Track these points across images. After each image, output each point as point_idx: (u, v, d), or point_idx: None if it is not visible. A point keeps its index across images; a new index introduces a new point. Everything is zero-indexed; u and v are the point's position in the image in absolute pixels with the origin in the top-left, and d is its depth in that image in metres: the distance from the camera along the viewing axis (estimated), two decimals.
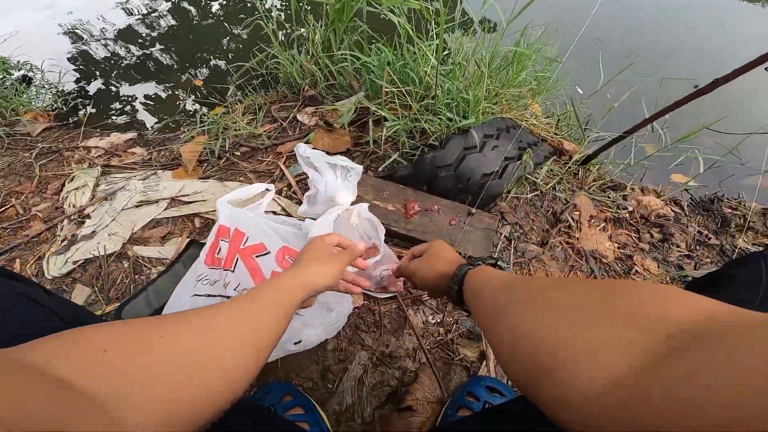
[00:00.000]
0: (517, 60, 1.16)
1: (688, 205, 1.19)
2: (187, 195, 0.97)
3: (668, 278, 0.97)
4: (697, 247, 1.07)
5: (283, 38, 1.37)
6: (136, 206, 0.97)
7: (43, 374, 0.25)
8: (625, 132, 1.05)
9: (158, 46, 1.81)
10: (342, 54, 1.19)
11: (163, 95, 1.60)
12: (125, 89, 1.63)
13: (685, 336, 0.21)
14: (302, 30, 1.33)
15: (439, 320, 0.84)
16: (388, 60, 1.10)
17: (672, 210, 1.13)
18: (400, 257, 0.88)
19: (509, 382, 0.78)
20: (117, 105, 1.57)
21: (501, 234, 0.95)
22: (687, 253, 1.05)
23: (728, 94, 1.30)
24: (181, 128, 1.34)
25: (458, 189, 0.93)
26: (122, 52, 1.80)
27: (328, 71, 1.25)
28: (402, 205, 0.91)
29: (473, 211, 0.92)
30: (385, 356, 0.79)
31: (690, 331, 0.21)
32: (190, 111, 1.50)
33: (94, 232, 0.94)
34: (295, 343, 0.70)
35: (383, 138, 1.01)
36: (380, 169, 1.03)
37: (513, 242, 0.95)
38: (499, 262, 0.54)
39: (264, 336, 0.40)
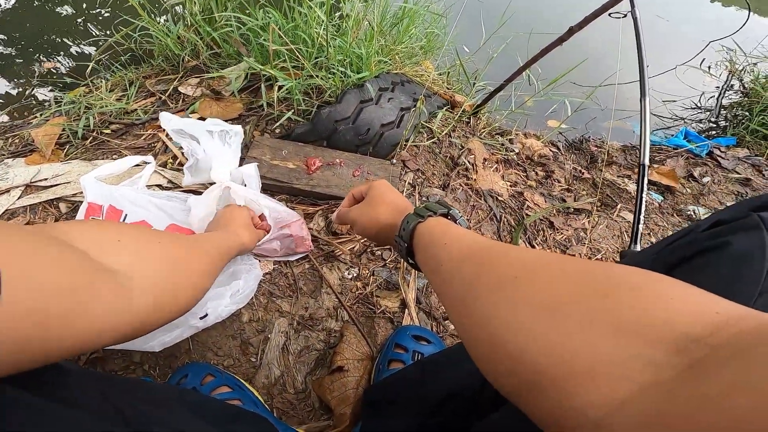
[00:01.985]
0: (406, 16, 1.19)
1: (563, 146, 1.35)
2: (46, 179, 0.82)
3: (554, 210, 1.08)
4: (575, 182, 1.21)
5: (151, 9, 1.22)
6: None
7: (70, 244, 0.30)
8: (504, 81, 1.14)
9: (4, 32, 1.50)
10: (225, 20, 1.09)
11: (9, 80, 1.33)
12: None
13: (699, 348, 0.19)
14: (175, 1, 1.20)
15: (355, 274, 0.83)
16: (275, 21, 1.04)
17: (551, 150, 1.27)
18: (306, 214, 0.86)
19: (434, 328, 0.80)
20: None
21: (405, 181, 0.98)
22: (566, 187, 1.19)
23: (589, 44, 1.49)
24: (34, 113, 1.12)
25: (358, 141, 0.92)
26: None
27: (211, 39, 1.15)
28: (303, 162, 0.88)
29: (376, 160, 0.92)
30: (306, 320, 0.76)
31: (702, 342, 0.19)
32: (45, 96, 1.27)
33: None
34: (201, 318, 0.64)
35: (276, 99, 0.96)
36: (276, 129, 0.98)
37: (417, 188, 0.98)
38: (451, 211, 0.47)
39: (214, 270, 0.50)
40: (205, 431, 0.42)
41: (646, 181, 0.80)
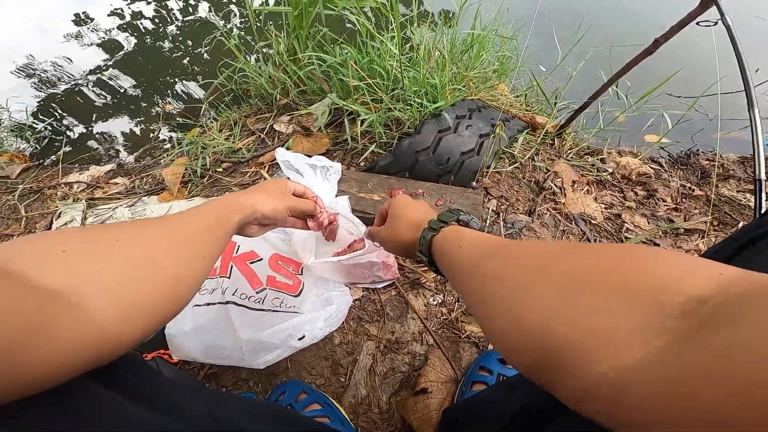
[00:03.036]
0: (475, 42, 1.20)
1: (666, 162, 1.23)
2: None
3: (660, 232, 0.99)
4: (683, 200, 1.10)
5: (246, 51, 1.38)
6: None
7: (5, 272, 0.26)
8: (589, 98, 1.09)
9: (123, 77, 1.81)
10: (308, 59, 1.21)
11: (137, 125, 1.60)
12: (98, 123, 1.62)
13: (706, 309, 0.19)
14: (264, 43, 1.35)
15: (440, 300, 0.85)
16: (351, 57, 1.13)
17: (651, 168, 1.17)
18: None
19: None
20: (91, 140, 1.56)
21: (488, 208, 0.97)
22: (674, 206, 1.08)
23: (684, 51, 1.35)
24: (160, 154, 1.34)
25: (439, 171, 0.95)
26: (89, 87, 1.79)
27: (297, 78, 1.27)
28: (387, 193, 0.93)
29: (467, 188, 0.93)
30: (392, 343, 0.79)
31: (709, 302, 0.20)
32: (166, 136, 1.50)
33: None
34: (300, 339, 0.71)
35: (359, 133, 1.03)
36: (360, 162, 1.05)
37: (501, 215, 0.97)
38: (461, 216, 0.50)
39: (208, 245, 0.43)
40: None
41: (763, 198, 0.71)
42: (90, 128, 1.60)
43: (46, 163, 1.39)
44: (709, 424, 0.16)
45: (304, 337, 0.71)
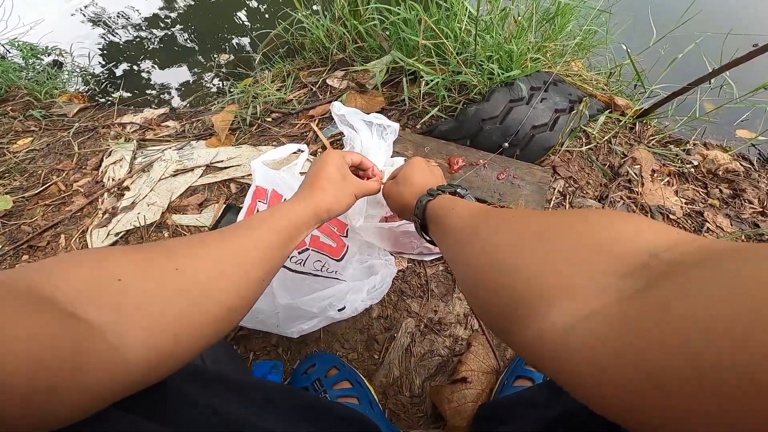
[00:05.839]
0: (560, 13, 1.06)
1: (758, 160, 1.08)
2: (222, 161, 0.95)
3: (743, 236, 0.87)
4: None
5: (305, 2, 1.31)
6: (173, 175, 0.96)
7: (53, 304, 0.24)
8: (690, 84, 0.95)
9: (180, 25, 1.80)
10: (371, 13, 1.12)
11: (192, 71, 1.59)
12: (155, 69, 1.63)
13: (659, 264, 0.20)
14: None
15: None
16: (420, 17, 1.03)
17: (741, 165, 1.02)
18: None
19: None
20: (147, 84, 1.57)
21: (554, 189, 0.88)
22: (761, 210, 0.95)
23: None
24: (211, 101, 1.32)
25: (505, 142, 0.86)
26: (149, 34, 1.80)
27: (356, 33, 1.19)
28: (445, 160, 0.85)
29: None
30: (434, 323, 0.74)
31: (663, 259, 0.20)
32: (219, 84, 1.48)
33: (133, 203, 0.94)
34: (339, 310, 0.66)
35: (421, 94, 0.95)
36: (418, 125, 0.97)
37: (568, 197, 0.87)
38: (458, 190, 0.53)
39: (269, 267, 0.39)
40: None
41: None
42: (147, 74, 1.62)
43: (102, 105, 1.41)
44: (647, 375, 0.16)
45: (344, 308, 0.66)
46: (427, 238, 0.53)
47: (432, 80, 0.92)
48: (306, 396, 0.54)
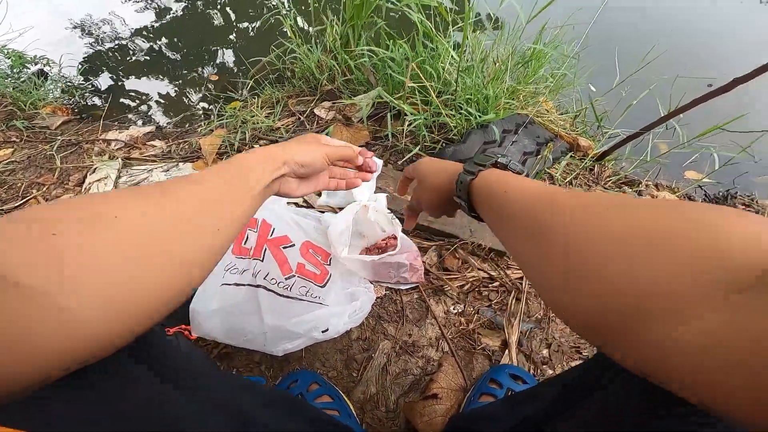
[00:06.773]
0: (535, 57, 1.17)
1: (702, 201, 1.20)
2: None
3: None
4: None
5: (298, 33, 1.38)
6: None
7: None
8: (642, 129, 1.07)
9: (173, 42, 1.83)
10: (361, 49, 1.20)
11: (180, 90, 1.61)
12: (142, 84, 1.64)
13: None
14: (318, 27, 1.34)
15: (460, 310, 0.85)
16: (407, 55, 1.11)
17: None
18: (420, 247, 0.90)
19: (532, 371, 0.79)
20: (134, 100, 1.58)
21: None
22: None
23: (740, 92, 1.32)
24: (199, 122, 1.35)
25: None
26: (137, 48, 1.81)
27: (346, 66, 1.26)
28: None
29: None
30: (408, 345, 0.80)
31: None
32: (206, 106, 1.51)
33: None
34: (323, 332, 0.71)
35: (404, 132, 1.02)
36: (400, 162, 1.04)
37: None
38: (500, 159, 0.45)
39: (225, 216, 0.36)
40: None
41: None
42: (134, 90, 1.62)
43: (87, 119, 1.41)
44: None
45: (327, 330, 0.71)
46: (475, 215, 0.47)
47: (415, 120, 0.99)
48: (297, 400, 0.60)
